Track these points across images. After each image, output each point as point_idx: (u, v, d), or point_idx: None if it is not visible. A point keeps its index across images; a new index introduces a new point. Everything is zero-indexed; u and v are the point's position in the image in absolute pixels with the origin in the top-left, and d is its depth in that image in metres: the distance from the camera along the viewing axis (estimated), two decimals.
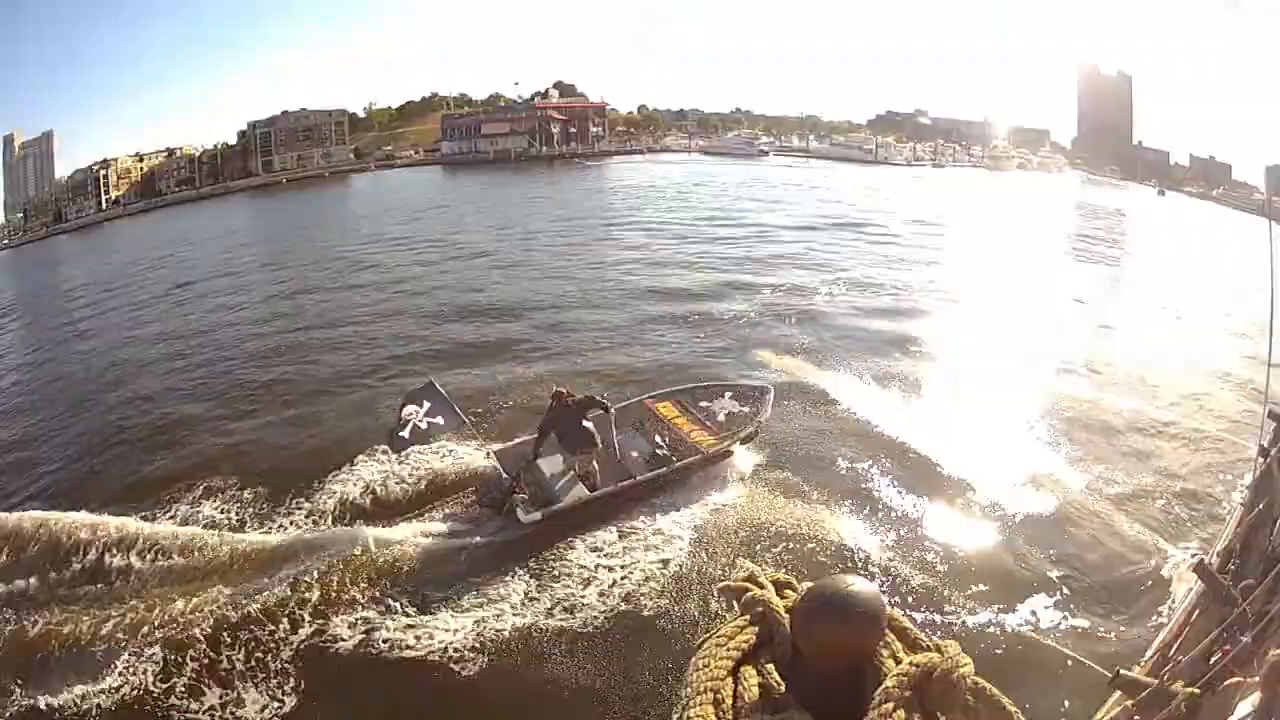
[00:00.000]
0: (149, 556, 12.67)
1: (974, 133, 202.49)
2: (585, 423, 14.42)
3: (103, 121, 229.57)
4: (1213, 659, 7.28)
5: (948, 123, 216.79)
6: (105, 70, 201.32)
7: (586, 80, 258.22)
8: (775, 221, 55.17)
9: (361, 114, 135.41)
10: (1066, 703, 9.71)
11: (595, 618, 11.45)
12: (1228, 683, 6.93)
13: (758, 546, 13.22)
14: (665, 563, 12.74)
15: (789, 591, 2.22)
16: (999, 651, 11.29)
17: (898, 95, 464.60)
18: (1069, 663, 10.88)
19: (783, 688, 1.94)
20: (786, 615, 2.08)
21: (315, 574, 12.22)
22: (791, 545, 13.35)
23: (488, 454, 15.26)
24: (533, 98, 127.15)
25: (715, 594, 11.51)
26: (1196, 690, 6.63)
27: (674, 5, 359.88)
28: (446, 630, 11.15)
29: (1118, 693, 7.34)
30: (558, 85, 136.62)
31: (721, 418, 16.61)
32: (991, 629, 11.80)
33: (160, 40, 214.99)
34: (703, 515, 14.11)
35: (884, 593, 9.33)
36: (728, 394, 17.52)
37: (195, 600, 11.68)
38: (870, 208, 67.07)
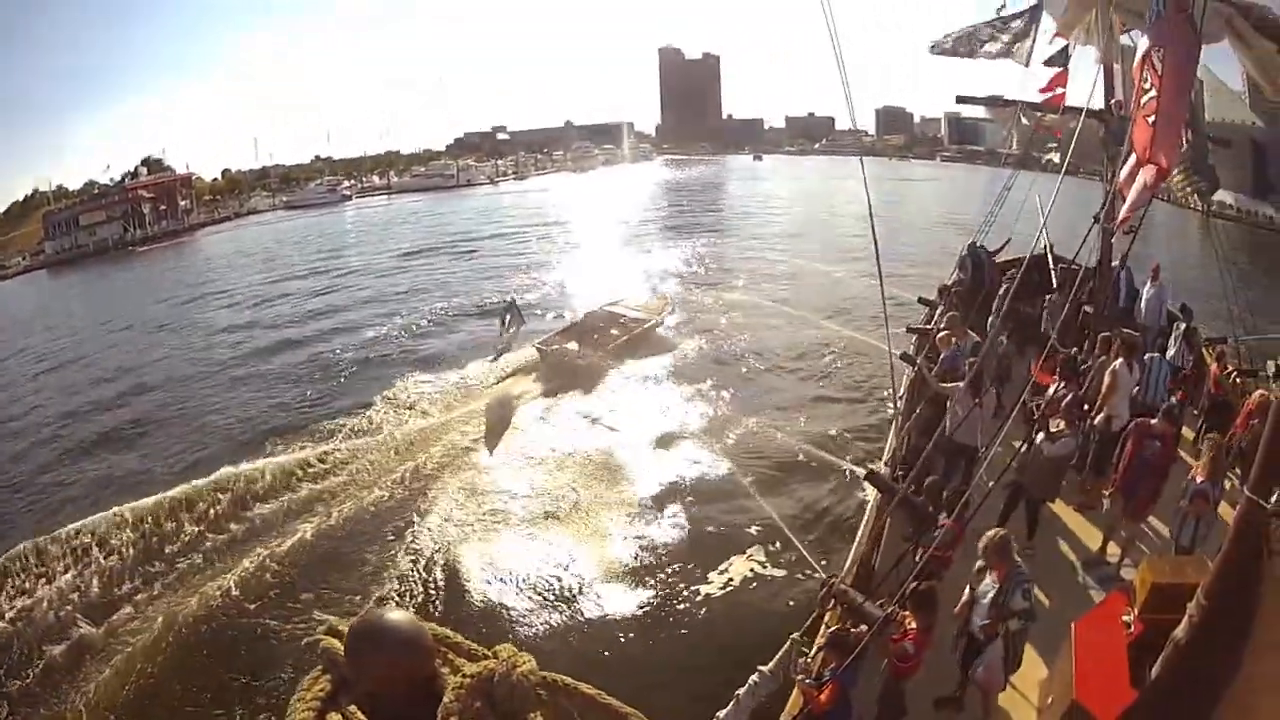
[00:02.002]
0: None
1: (555, 138, 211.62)
2: (602, 314, 27.77)
3: None
4: (918, 556, 7.71)
5: (528, 134, 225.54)
6: None
7: (173, 151, 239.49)
8: (363, 263, 53.80)
9: None
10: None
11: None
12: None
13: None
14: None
15: None
16: (717, 609, 12.77)
17: (475, 115, 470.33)
18: (794, 588, 12.84)
19: None
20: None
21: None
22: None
23: (537, 346, 24.94)
24: (124, 179, 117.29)
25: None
26: (922, 582, 6.98)
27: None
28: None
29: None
30: (146, 162, 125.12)
31: (653, 307, 29.13)
32: (707, 588, 13.29)
33: None
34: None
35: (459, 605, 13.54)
36: (644, 299, 30.78)
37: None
38: (449, 231, 67.73)
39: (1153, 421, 9.35)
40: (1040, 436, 9.48)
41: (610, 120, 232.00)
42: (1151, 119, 4.96)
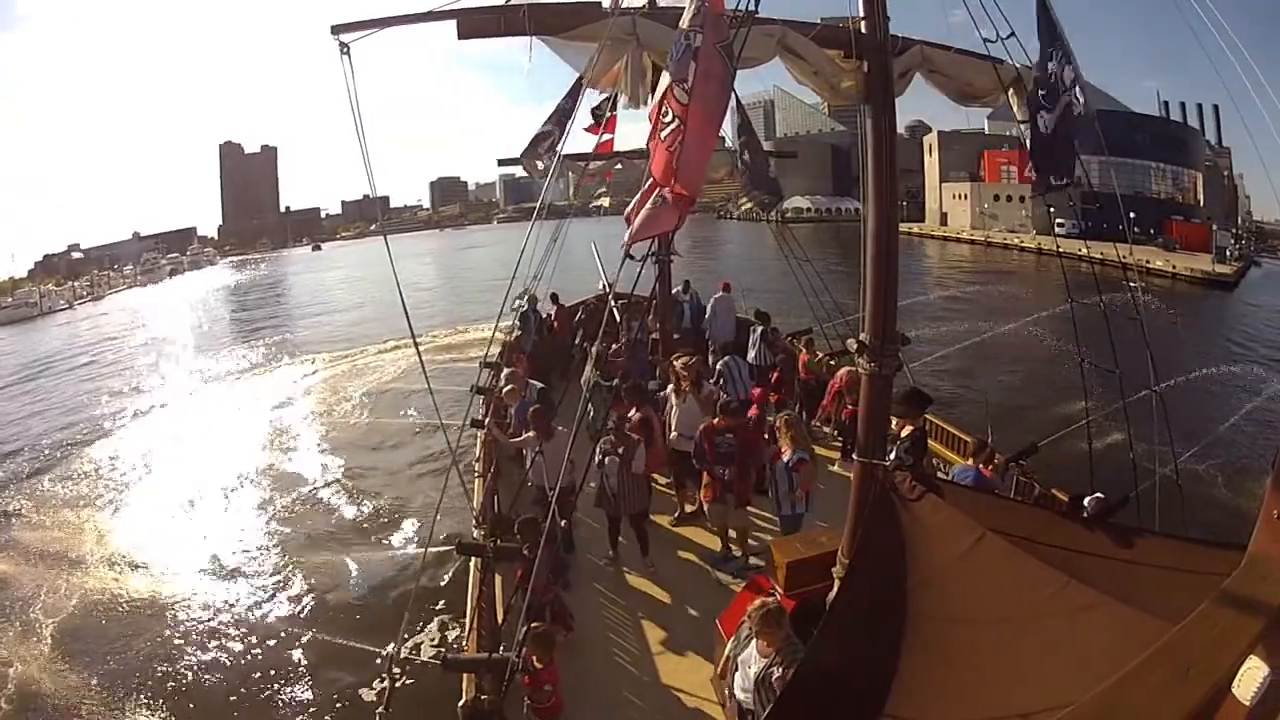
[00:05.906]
0: None
1: (124, 251, 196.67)
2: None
3: None
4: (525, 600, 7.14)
5: (100, 249, 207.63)
6: None
7: None
8: None
9: None
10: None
11: None
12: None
13: None
14: None
15: None
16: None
17: (54, 233, 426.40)
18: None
19: None
20: None
21: None
22: None
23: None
24: None
25: None
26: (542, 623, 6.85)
27: None
28: None
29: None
30: None
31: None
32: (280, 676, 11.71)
33: None
34: None
35: None
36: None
37: None
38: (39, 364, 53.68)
39: (715, 421, 9.45)
40: (609, 460, 9.42)
41: (176, 226, 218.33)
42: (674, 148, 4.78)
